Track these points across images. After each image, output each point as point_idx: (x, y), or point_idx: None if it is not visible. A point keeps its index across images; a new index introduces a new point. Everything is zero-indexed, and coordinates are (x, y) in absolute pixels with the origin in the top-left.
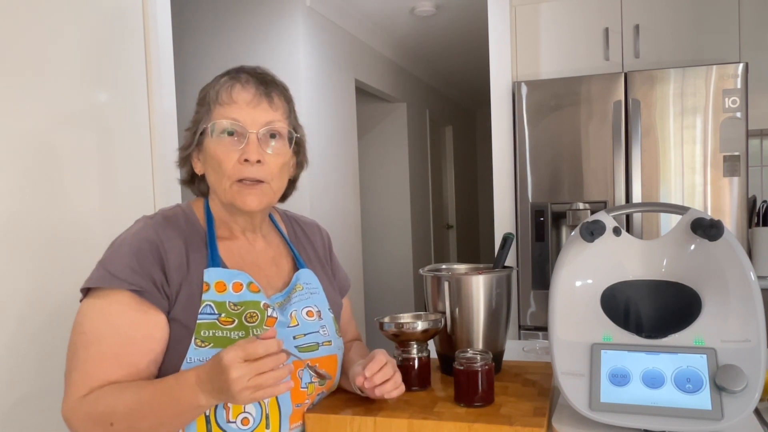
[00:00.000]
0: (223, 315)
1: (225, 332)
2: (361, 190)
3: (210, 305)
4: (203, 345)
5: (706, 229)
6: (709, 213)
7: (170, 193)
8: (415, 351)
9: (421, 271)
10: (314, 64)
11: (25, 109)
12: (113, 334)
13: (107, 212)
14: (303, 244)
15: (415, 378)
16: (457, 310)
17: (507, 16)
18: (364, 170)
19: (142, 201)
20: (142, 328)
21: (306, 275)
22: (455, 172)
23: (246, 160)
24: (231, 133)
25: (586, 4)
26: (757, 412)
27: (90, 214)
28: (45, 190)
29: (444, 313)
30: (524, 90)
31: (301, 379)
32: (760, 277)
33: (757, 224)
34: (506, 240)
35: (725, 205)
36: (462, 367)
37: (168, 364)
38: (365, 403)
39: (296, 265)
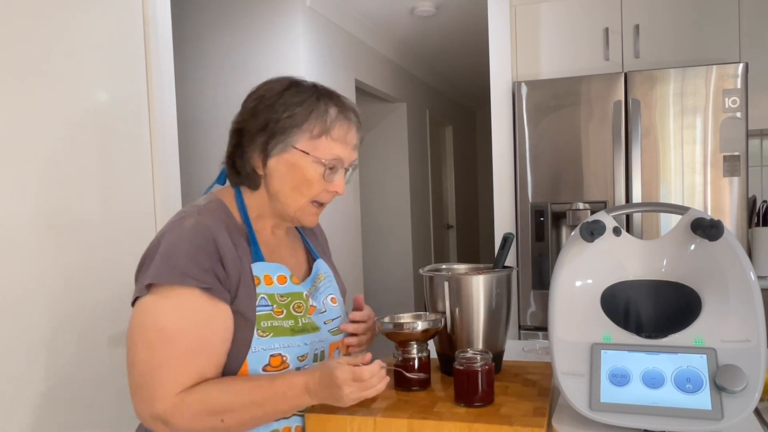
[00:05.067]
0: (275, 306)
1: (279, 322)
2: (361, 190)
3: (264, 297)
4: (264, 335)
5: (706, 229)
6: (709, 213)
7: (170, 193)
8: (415, 351)
9: (421, 271)
10: (314, 64)
11: (25, 109)
12: (195, 328)
13: (106, 212)
14: (311, 237)
15: (415, 378)
16: (457, 310)
17: (507, 16)
18: (364, 170)
19: (141, 201)
20: (218, 320)
21: (322, 265)
22: (455, 172)
23: (336, 192)
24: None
25: (586, 4)
26: (757, 412)
27: (89, 214)
28: (44, 190)
29: (444, 313)
30: (524, 90)
31: (334, 358)
32: (760, 277)
33: (757, 224)
34: (506, 240)
35: (725, 205)
36: (462, 367)
37: (233, 355)
38: (365, 403)
39: (311, 256)
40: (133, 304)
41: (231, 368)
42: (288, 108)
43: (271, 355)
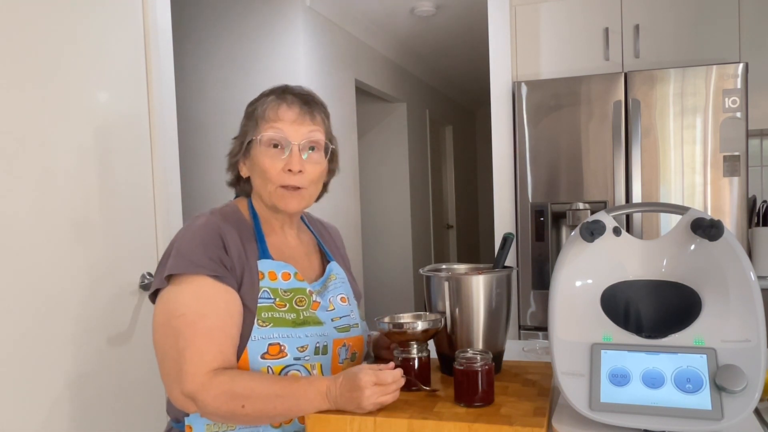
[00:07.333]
0: (277, 300)
1: (280, 314)
2: (361, 190)
3: (267, 291)
4: (264, 325)
5: (706, 229)
6: (709, 213)
7: (170, 193)
8: (415, 351)
9: (421, 271)
10: (314, 64)
11: (25, 108)
12: (213, 310)
13: (106, 212)
14: (328, 242)
15: (415, 378)
16: (457, 310)
17: (507, 16)
18: (364, 170)
19: (141, 201)
20: (230, 303)
21: (335, 267)
22: (455, 172)
23: (289, 170)
24: (276, 145)
25: (586, 4)
26: (757, 412)
27: (89, 214)
28: (44, 190)
29: (444, 313)
30: (524, 90)
31: (339, 355)
32: (760, 277)
33: (757, 224)
34: (506, 240)
35: (725, 205)
36: (462, 367)
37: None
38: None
39: (326, 259)
40: (152, 297)
41: None
42: (246, 112)
43: (270, 344)
